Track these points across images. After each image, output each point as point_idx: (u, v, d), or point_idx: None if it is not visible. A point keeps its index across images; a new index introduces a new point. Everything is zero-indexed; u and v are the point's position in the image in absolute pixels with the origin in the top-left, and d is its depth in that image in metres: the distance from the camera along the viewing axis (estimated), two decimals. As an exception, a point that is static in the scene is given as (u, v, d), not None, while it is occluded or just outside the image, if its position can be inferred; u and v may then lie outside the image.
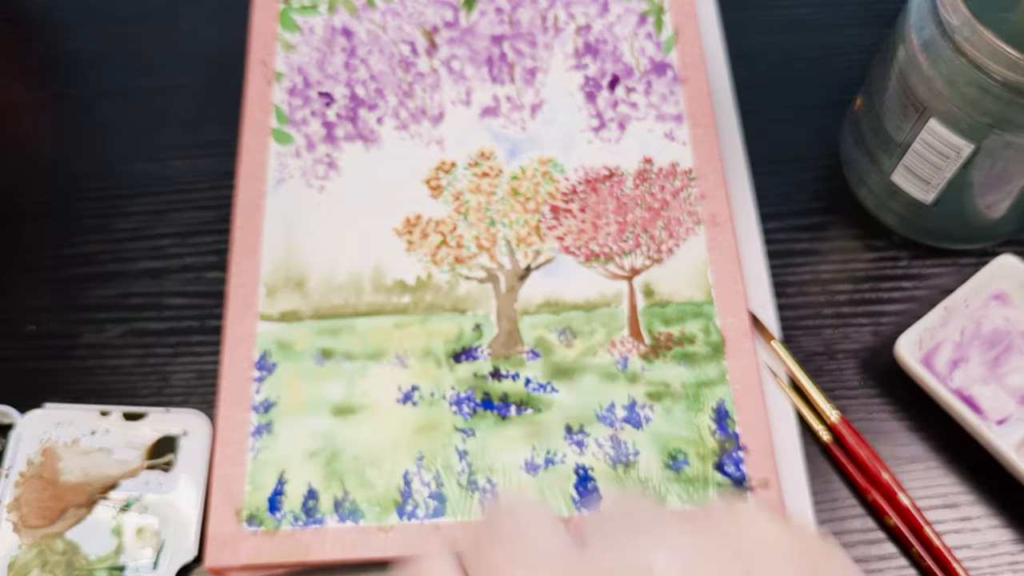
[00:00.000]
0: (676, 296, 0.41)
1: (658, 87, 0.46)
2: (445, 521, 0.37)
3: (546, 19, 0.48)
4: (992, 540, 0.38)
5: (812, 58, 0.49)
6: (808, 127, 0.47)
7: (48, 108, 0.48)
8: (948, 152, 0.38)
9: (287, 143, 0.45)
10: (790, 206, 0.45)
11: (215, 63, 0.48)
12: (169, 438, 0.39)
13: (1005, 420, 0.39)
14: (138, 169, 0.46)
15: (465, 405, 0.39)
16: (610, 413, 0.39)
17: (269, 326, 0.41)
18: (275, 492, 0.37)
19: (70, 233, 0.45)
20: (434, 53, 0.47)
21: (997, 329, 0.40)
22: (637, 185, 0.44)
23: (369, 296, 0.41)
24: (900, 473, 0.39)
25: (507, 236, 0.43)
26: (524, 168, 0.44)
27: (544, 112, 0.45)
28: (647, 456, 0.38)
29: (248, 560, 0.36)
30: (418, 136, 0.45)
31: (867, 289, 0.43)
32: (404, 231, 0.43)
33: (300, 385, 0.39)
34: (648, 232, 0.43)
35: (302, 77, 0.46)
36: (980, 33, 0.33)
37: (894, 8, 0.40)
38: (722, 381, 0.39)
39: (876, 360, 0.41)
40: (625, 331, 0.41)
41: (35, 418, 0.39)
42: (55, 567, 0.37)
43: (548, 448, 0.38)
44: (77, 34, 0.50)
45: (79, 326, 0.43)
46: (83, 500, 0.38)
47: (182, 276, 0.44)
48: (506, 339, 0.41)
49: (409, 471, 0.38)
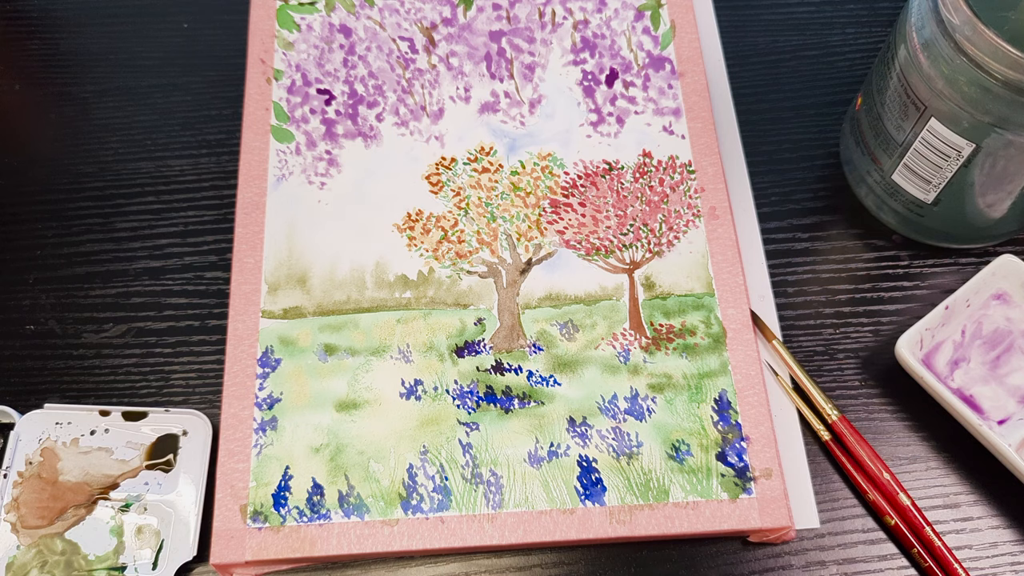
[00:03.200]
0: (676, 288, 0.41)
1: (656, 81, 0.46)
2: (450, 515, 0.37)
3: (544, 15, 0.48)
4: (993, 540, 0.38)
5: (812, 57, 0.49)
6: (808, 127, 0.47)
7: (48, 107, 0.48)
8: (949, 151, 0.38)
9: (287, 141, 0.45)
10: (790, 205, 0.45)
11: (215, 62, 0.49)
12: (169, 438, 0.39)
13: (1006, 420, 0.39)
14: (138, 168, 0.46)
15: (468, 399, 0.39)
16: (612, 405, 0.39)
17: (272, 323, 0.41)
18: (280, 488, 0.37)
19: (70, 233, 0.45)
20: (433, 50, 0.47)
21: (998, 329, 0.40)
22: (636, 179, 0.44)
23: (371, 292, 0.41)
24: (900, 473, 0.39)
25: (508, 231, 0.43)
26: (524, 163, 0.44)
27: (543, 107, 0.46)
28: (650, 447, 0.38)
29: (253, 556, 0.36)
30: (418, 132, 0.45)
31: (867, 289, 0.43)
32: (405, 227, 0.43)
33: (304, 381, 0.39)
34: (648, 225, 0.43)
35: (301, 74, 0.46)
36: (981, 32, 0.33)
37: (894, 8, 0.40)
38: (723, 372, 0.39)
39: (876, 360, 0.41)
40: (626, 324, 0.41)
41: (34, 418, 0.39)
42: (54, 567, 0.37)
43: (551, 440, 0.38)
44: (77, 33, 0.50)
45: (79, 326, 0.43)
46: (83, 500, 0.38)
47: (182, 276, 0.44)
48: (508, 333, 0.41)
49: (413, 465, 0.38)
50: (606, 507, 0.37)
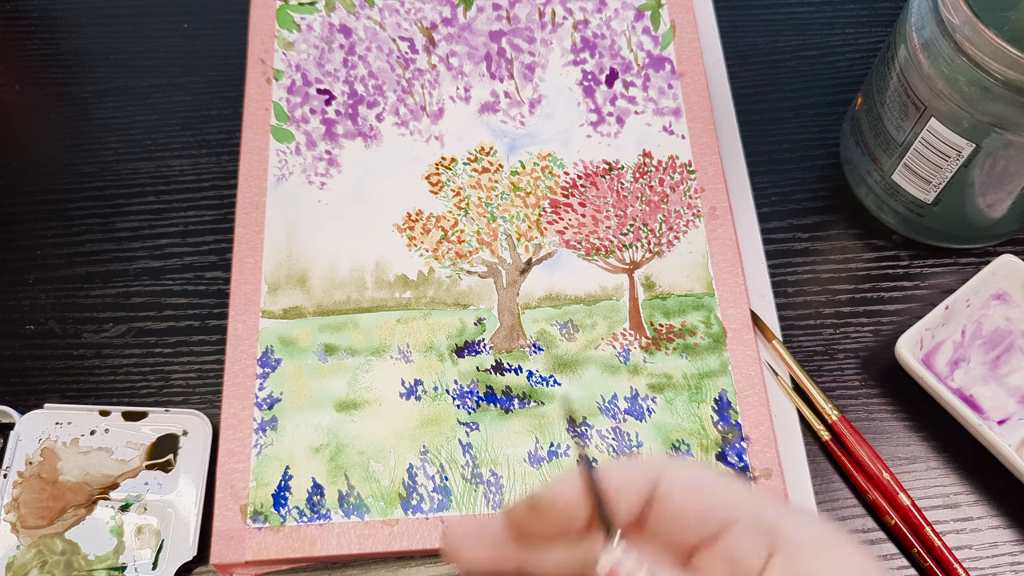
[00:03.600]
0: (676, 288, 0.41)
1: (656, 81, 0.46)
2: (450, 515, 0.37)
3: (544, 15, 0.48)
4: (993, 540, 0.38)
5: (812, 57, 0.49)
6: (808, 127, 0.47)
7: (48, 107, 0.48)
8: (949, 151, 0.38)
9: (287, 141, 0.45)
10: (790, 205, 0.45)
11: (215, 62, 0.49)
12: (169, 438, 0.39)
13: (1006, 420, 0.39)
14: (138, 168, 0.46)
15: (468, 399, 0.39)
16: (612, 405, 0.39)
17: (272, 323, 0.40)
18: (280, 488, 0.37)
19: (70, 233, 0.45)
20: (433, 50, 0.47)
21: (998, 329, 0.40)
22: (636, 179, 0.44)
23: (371, 292, 0.41)
24: (900, 473, 0.39)
25: (508, 231, 0.43)
26: (524, 163, 0.44)
27: (543, 107, 0.46)
28: (650, 447, 0.38)
29: (253, 556, 0.36)
30: (418, 132, 0.45)
31: (867, 289, 0.43)
32: (405, 227, 0.43)
33: (304, 381, 0.39)
34: (648, 225, 0.43)
35: (301, 74, 0.46)
36: (981, 32, 0.33)
37: (894, 8, 0.40)
38: (723, 372, 0.39)
39: (876, 360, 0.41)
40: (626, 324, 0.41)
41: (34, 418, 0.39)
42: (54, 567, 0.37)
43: (551, 440, 0.38)
44: (77, 33, 0.50)
45: (79, 326, 0.42)
46: (82, 500, 0.38)
47: (182, 276, 0.44)
48: (508, 333, 0.41)
49: (413, 465, 0.38)
50: (606, 507, 0.37)
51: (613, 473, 0.21)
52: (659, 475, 0.21)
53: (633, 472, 0.22)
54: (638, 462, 0.22)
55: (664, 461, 0.22)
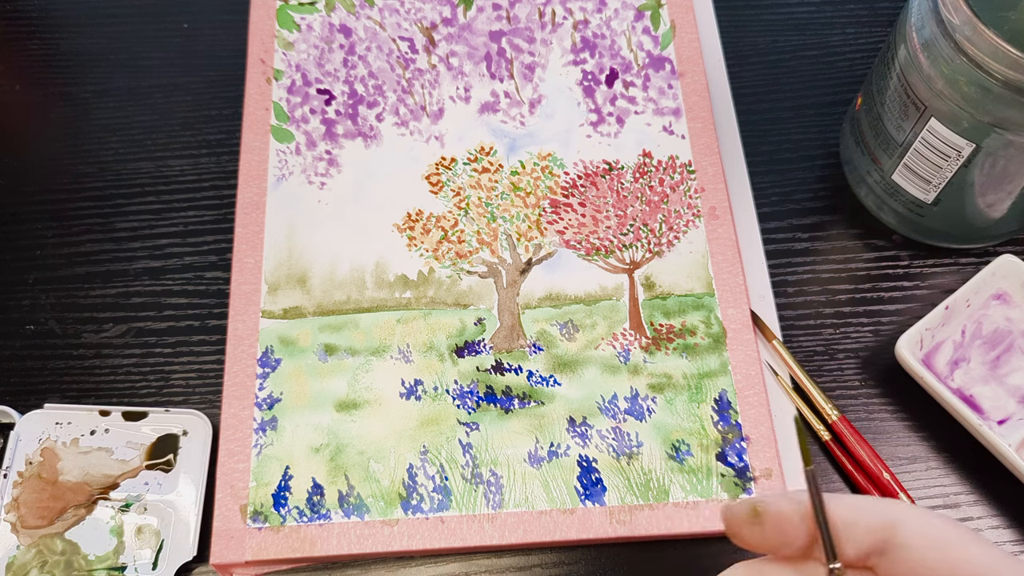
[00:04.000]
0: (676, 288, 0.41)
1: (656, 81, 0.46)
2: (450, 515, 0.37)
3: (544, 15, 0.48)
4: (993, 540, 0.38)
5: (812, 57, 0.49)
6: (808, 127, 0.47)
7: (48, 107, 0.48)
8: (949, 151, 0.38)
9: (287, 141, 0.45)
10: (790, 205, 0.45)
11: (215, 62, 0.49)
12: (169, 438, 0.39)
13: (1006, 420, 0.39)
14: (138, 168, 0.46)
15: (468, 399, 0.39)
16: (612, 405, 0.39)
17: (272, 323, 0.40)
18: (280, 488, 0.37)
19: (70, 233, 0.45)
20: (433, 50, 0.47)
21: (998, 329, 0.40)
22: (636, 179, 0.44)
23: (371, 292, 0.41)
24: (900, 473, 0.39)
25: (508, 231, 0.43)
26: (524, 163, 0.44)
27: (543, 107, 0.46)
28: (650, 447, 0.38)
29: (253, 556, 0.36)
30: (418, 132, 0.45)
31: (867, 289, 0.43)
32: (405, 227, 0.43)
33: (304, 381, 0.39)
34: (648, 225, 0.43)
35: (301, 74, 0.46)
36: (981, 32, 0.33)
37: (894, 8, 0.40)
38: (723, 372, 0.39)
39: (876, 360, 0.41)
40: (626, 324, 0.41)
41: (34, 418, 0.39)
42: (54, 567, 0.37)
43: (551, 440, 0.38)
44: (77, 33, 0.50)
45: (79, 326, 0.43)
46: (82, 500, 0.38)
47: (182, 276, 0.44)
48: (508, 333, 0.41)
49: (413, 465, 0.38)
50: (606, 507, 0.37)
51: (844, 504, 0.21)
52: (897, 520, 0.20)
53: (868, 509, 0.21)
54: (875, 501, 0.21)
55: (904, 507, 0.21)
